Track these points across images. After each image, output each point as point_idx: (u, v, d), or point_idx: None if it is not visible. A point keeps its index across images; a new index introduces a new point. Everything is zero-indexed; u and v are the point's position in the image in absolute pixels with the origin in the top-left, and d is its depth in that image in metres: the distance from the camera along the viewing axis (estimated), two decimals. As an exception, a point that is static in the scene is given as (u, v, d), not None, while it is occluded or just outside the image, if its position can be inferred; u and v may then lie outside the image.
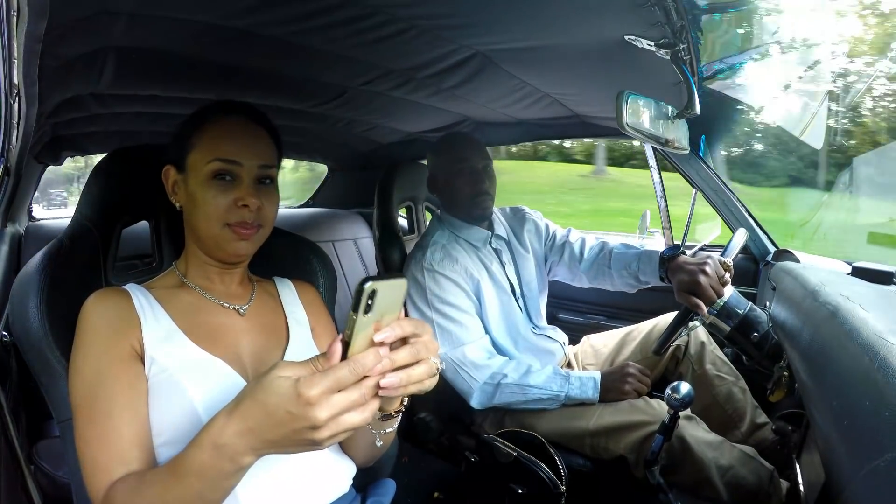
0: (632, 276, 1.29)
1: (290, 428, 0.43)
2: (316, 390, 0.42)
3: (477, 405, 1.17)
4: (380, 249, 1.47)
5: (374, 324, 0.46)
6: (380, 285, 0.44)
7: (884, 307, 0.54)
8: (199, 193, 0.66)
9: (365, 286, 0.43)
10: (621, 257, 1.31)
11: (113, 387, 0.58)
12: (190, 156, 0.68)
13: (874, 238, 1.78)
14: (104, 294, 0.64)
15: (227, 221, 0.66)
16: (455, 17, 0.86)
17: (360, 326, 0.44)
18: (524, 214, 1.48)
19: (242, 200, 0.66)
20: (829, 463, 0.44)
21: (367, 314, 0.44)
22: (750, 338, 1.05)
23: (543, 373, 1.16)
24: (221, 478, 0.48)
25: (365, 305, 0.43)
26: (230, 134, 0.68)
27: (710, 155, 1.58)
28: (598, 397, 1.13)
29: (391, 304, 0.47)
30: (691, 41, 0.87)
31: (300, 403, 0.42)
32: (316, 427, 0.43)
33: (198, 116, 0.70)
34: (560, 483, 1.02)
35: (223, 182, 0.66)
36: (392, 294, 0.46)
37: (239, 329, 0.71)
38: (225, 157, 0.66)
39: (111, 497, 0.53)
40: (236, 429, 0.45)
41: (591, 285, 1.42)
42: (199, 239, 0.69)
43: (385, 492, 0.80)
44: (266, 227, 0.71)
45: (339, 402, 0.43)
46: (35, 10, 0.57)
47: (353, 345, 0.45)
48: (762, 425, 1.20)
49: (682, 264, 1.11)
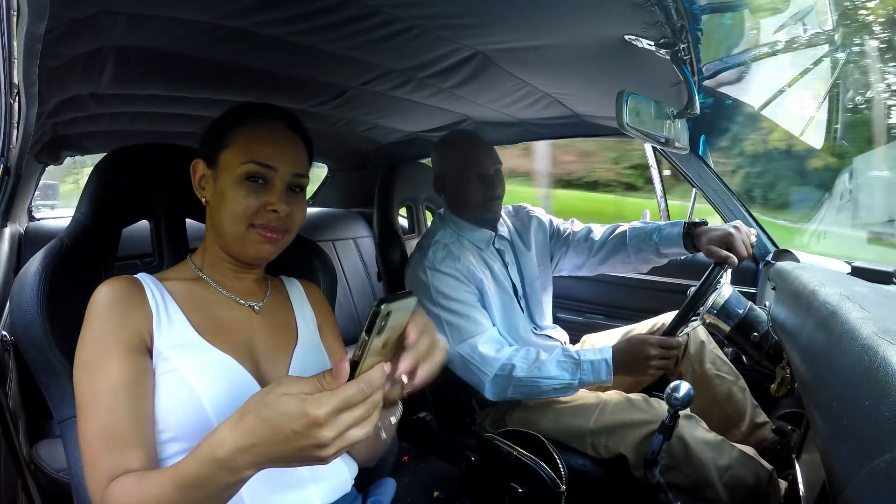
0: (652, 250, 1.27)
1: (295, 446, 0.43)
2: (324, 410, 0.42)
3: (492, 397, 1.16)
4: (380, 249, 1.47)
5: (384, 341, 0.46)
6: (394, 306, 0.43)
7: (884, 307, 0.54)
8: (229, 192, 0.65)
9: (381, 308, 0.42)
10: (639, 233, 1.31)
11: (117, 382, 0.57)
12: (223, 153, 0.67)
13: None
14: (116, 282, 0.63)
15: (253, 223, 0.66)
16: (455, 17, 0.86)
17: (371, 347, 0.44)
18: (527, 213, 1.47)
19: (272, 206, 0.66)
20: (829, 463, 0.44)
21: (379, 335, 0.44)
22: (750, 338, 1.05)
23: (553, 359, 1.13)
24: (222, 489, 0.48)
25: (379, 327, 0.43)
26: (269, 138, 0.67)
27: (710, 155, 1.58)
28: (611, 379, 1.11)
29: (400, 321, 0.47)
30: (691, 41, 0.87)
31: (307, 423, 0.42)
32: (322, 445, 0.43)
33: (235, 115, 0.69)
34: (560, 482, 1.02)
35: (255, 184, 0.66)
36: (403, 312, 0.46)
37: (253, 326, 0.71)
38: (261, 161, 0.65)
39: (108, 496, 0.53)
40: (239, 445, 0.45)
41: (599, 271, 1.42)
42: (222, 236, 0.68)
43: (385, 491, 0.80)
44: (291, 233, 0.70)
45: (345, 421, 0.43)
46: (35, 10, 0.57)
47: (362, 364, 0.44)
48: (762, 425, 1.20)
49: (710, 228, 1.15)
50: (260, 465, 0.46)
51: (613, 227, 1.39)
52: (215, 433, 0.47)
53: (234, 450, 0.45)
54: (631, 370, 1.10)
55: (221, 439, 0.46)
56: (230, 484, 0.47)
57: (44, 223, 1.62)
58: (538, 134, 1.75)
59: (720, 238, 1.09)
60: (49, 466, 1.04)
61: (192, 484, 0.48)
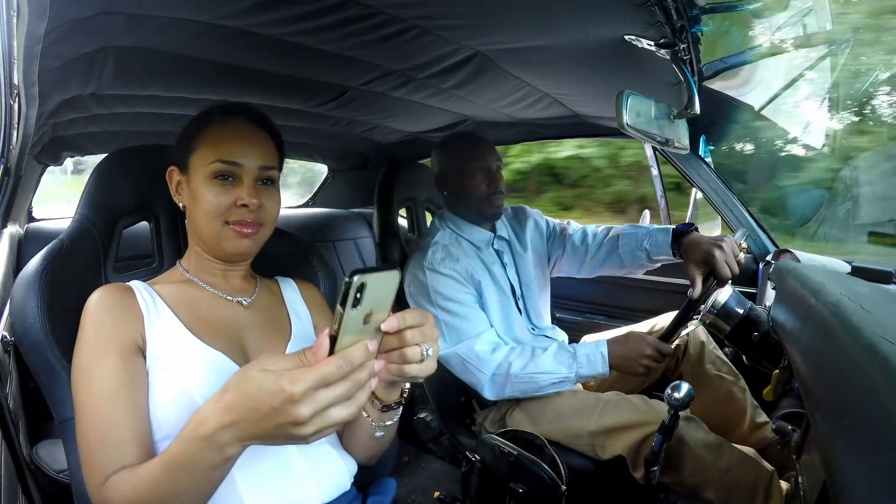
0: (643, 254, 1.27)
1: (273, 423, 0.43)
2: (299, 386, 0.42)
3: (491, 397, 1.17)
4: (380, 249, 1.47)
5: (364, 317, 0.44)
6: (369, 278, 0.42)
7: (884, 307, 0.54)
8: (200, 192, 0.67)
9: (353, 279, 0.41)
10: (631, 237, 1.31)
11: (112, 383, 0.59)
12: (192, 157, 0.69)
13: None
14: (108, 290, 0.65)
15: (227, 220, 0.68)
16: (455, 17, 0.86)
17: (347, 321, 0.43)
18: (525, 213, 1.48)
19: (242, 200, 0.67)
20: (829, 463, 0.44)
21: (355, 308, 0.43)
22: (750, 338, 1.04)
23: (549, 353, 1.14)
24: (210, 469, 0.48)
25: (353, 299, 0.42)
26: (231, 135, 0.69)
27: (711, 154, 1.58)
28: (608, 371, 1.12)
29: (382, 297, 0.46)
30: (691, 40, 0.87)
31: (283, 399, 0.42)
32: (299, 423, 0.42)
33: (200, 119, 0.71)
34: (561, 483, 1.02)
35: (225, 182, 0.68)
36: (383, 287, 0.45)
37: (243, 323, 0.72)
38: (226, 159, 0.67)
39: (107, 492, 0.54)
40: (221, 421, 0.45)
41: (596, 274, 1.42)
42: (201, 237, 0.70)
43: (386, 491, 0.80)
44: (267, 226, 0.72)
45: (323, 399, 0.43)
46: (35, 10, 0.57)
47: (340, 339, 0.43)
48: (762, 425, 1.20)
49: (696, 239, 1.12)
50: (244, 442, 0.46)
51: (607, 229, 1.39)
52: (199, 412, 0.48)
53: (217, 426, 0.45)
54: (624, 365, 1.11)
55: (204, 417, 0.47)
56: (217, 463, 0.48)
57: (44, 224, 1.62)
58: (538, 134, 1.75)
59: (702, 259, 1.07)
60: (49, 467, 1.04)
61: (180, 464, 0.48)
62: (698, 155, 1.54)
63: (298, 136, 1.82)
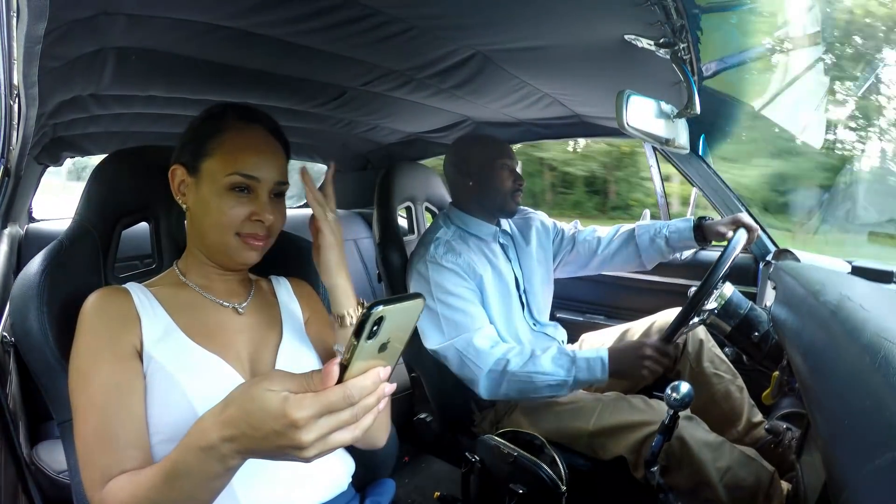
0: (663, 241, 1.37)
1: (273, 444, 0.43)
2: (304, 413, 0.41)
3: (486, 394, 1.16)
4: (380, 249, 1.47)
5: (379, 346, 0.43)
6: (389, 311, 0.40)
7: (884, 307, 0.54)
8: (213, 202, 0.65)
9: (371, 313, 0.39)
10: (649, 227, 1.40)
11: (110, 386, 0.58)
12: (205, 162, 0.66)
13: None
14: (104, 293, 0.65)
15: (239, 231, 0.67)
16: (455, 18, 0.86)
17: (360, 351, 0.41)
18: (529, 215, 1.49)
19: (258, 216, 0.66)
20: (830, 463, 0.44)
21: (370, 339, 0.41)
22: (750, 338, 1.04)
23: (548, 355, 1.13)
24: (209, 478, 0.48)
25: (369, 332, 0.40)
26: (252, 148, 0.67)
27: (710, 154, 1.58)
28: (607, 378, 1.11)
29: (402, 324, 0.44)
30: (691, 40, 0.87)
31: (285, 424, 0.41)
32: (301, 447, 0.42)
33: (214, 120, 0.68)
34: (560, 483, 1.02)
35: (240, 195, 0.66)
36: (405, 316, 0.43)
37: (237, 327, 0.71)
38: (245, 172, 0.65)
39: (105, 496, 0.54)
40: (222, 435, 0.45)
41: (606, 269, 1.47)
42: (205, 244, 0.69)
43: (385, 491, 0.80)
44: (273, 236, 0.71)
45: (326, 425, 0.42)
46: (35, 10, 0.57)
47: (350, 369, 0.42)
48: (759, 424, 1.20)
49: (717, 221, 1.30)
50: (244, 455, 0.46)
51: (617, 227, 1.45)
52: (200, 422, 0.48)
53: (218, 439, 0.45)
54: (626, 371, 1.10)
55: (205, 428, 0.46)
56: (217, 473, 0.47)
57: (44, 224, 1.62)
58: (538, 134, 1.75)
59: (728, 221, 1.26)
60: (49, 468, 1.04)
61: (180, 473, 0.48)
62: (698, 155, 1.54)
63: (298, 136, 1.82)
